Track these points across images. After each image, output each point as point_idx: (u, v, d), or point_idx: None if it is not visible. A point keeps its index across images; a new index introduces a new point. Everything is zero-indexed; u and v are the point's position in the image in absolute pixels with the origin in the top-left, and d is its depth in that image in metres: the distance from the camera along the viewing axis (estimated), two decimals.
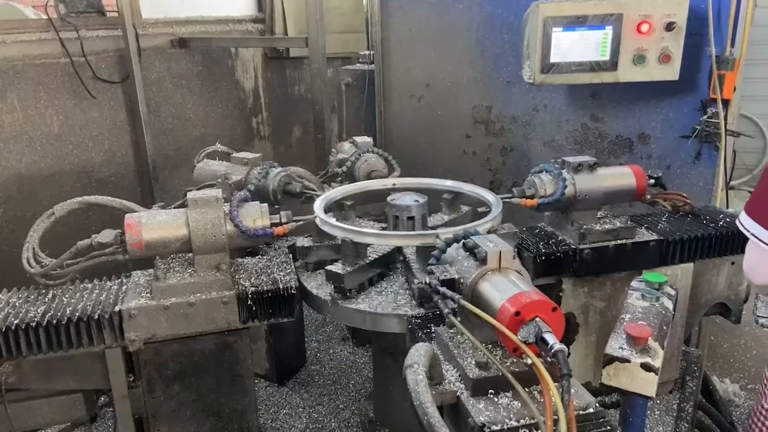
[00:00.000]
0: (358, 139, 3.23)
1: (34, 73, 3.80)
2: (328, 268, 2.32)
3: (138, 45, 4.19)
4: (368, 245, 2.40)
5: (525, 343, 1.39)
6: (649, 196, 2.55)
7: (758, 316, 2.57)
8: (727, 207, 3.18)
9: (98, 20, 4.15)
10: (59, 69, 3.90)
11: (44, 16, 3.91)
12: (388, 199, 2.59)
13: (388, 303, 2.30)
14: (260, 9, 5.32)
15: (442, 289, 1.64)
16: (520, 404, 1.46)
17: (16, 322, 1.97)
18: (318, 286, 2.46)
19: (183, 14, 4.71)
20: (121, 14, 4.06)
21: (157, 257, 2.22)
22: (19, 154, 3.81)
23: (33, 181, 3.88)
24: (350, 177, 3.10)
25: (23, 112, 3.79)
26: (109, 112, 4.20)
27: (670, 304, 2.01)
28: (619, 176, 2.45)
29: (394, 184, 2.89)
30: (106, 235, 2.12)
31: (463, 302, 1.56)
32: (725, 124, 3.04)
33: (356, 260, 2.34)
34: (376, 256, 2.43)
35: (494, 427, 1.39)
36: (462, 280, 1.64)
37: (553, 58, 3.03)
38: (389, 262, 2.55)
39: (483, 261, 1.60)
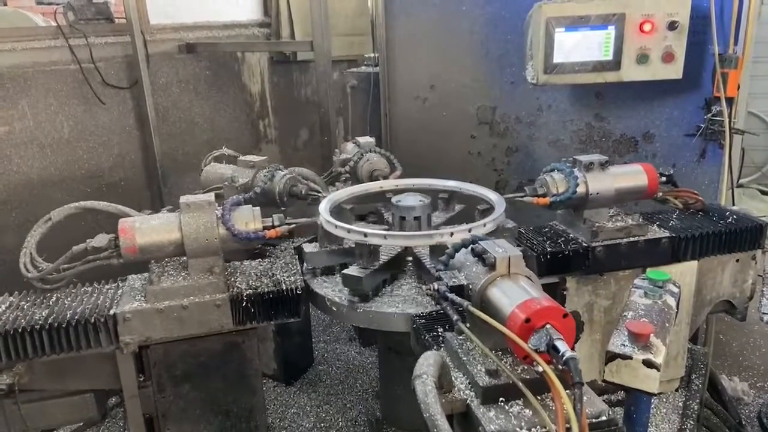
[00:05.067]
0: (361, 139, 3.25)
1: (44, 79, 3.86)
2: (346, 271, 2.30)
3: (146, 51, 4.24)
4: (379, 247, 2.38)
5: (536, 351, 1.35)
6: (660, 194, 2.55)
7: (763, 314, 2.57)
8: (733, 205, 3.18)
9: (107, 27, 4.20)
10: (69, 75, 3.96)
11: (53, 24, 3.97)
12: (393, 200, 2.61)
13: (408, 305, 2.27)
14: (266, 13, 5.37)
15: (451, 296, 1.58)
16: (531, 412, 1.41)
17: (23, 324, 2.02)
18: (336, 291, 2.41)
19: (190, 20, 4.77)
20: (129, 21, 4.11)
21: (152, 261, 2.25)
22: (30, 159, 3.87)
23: (44, 186, 3.94)
24: (353, 177, 3.13)
25: (34, 119, 3.85)
26: (119, 118, 4.25)
27: (673, 302, 2.01)
28: (631, 174, 2.46)
29: (397, 186, 2.90)
30: (101, 240, 2.14)
31: (472, 309, 1.52)
32: (729, 122, 3.04)
33: (371, 262, 2.33)
34: (388, 258, 2.42)
35: None
36: (471, 286, 1.59)
37: (556, 59, 3.04)
38: (399, 264, 2.54)
39: (492, 266, 1.56)
